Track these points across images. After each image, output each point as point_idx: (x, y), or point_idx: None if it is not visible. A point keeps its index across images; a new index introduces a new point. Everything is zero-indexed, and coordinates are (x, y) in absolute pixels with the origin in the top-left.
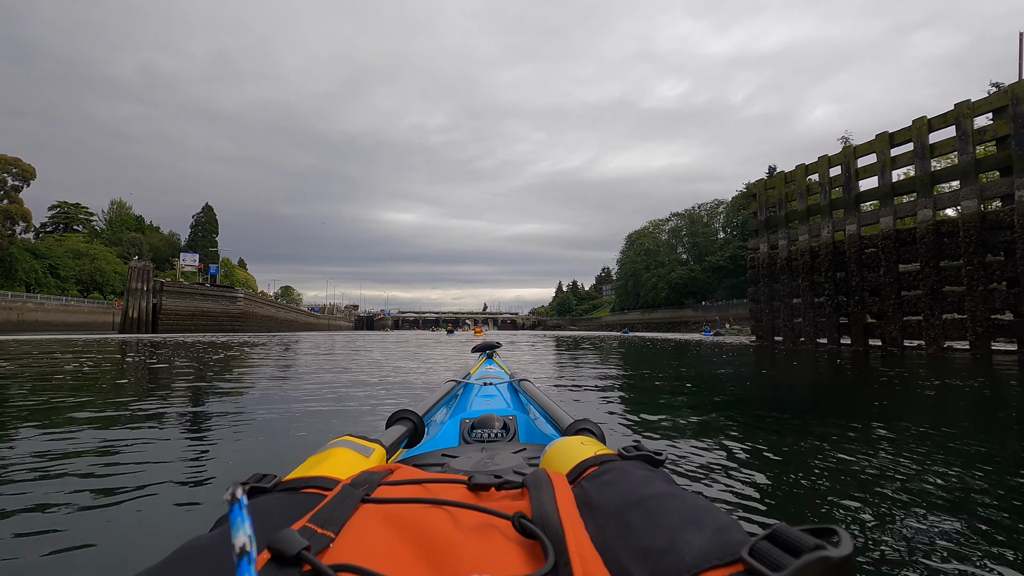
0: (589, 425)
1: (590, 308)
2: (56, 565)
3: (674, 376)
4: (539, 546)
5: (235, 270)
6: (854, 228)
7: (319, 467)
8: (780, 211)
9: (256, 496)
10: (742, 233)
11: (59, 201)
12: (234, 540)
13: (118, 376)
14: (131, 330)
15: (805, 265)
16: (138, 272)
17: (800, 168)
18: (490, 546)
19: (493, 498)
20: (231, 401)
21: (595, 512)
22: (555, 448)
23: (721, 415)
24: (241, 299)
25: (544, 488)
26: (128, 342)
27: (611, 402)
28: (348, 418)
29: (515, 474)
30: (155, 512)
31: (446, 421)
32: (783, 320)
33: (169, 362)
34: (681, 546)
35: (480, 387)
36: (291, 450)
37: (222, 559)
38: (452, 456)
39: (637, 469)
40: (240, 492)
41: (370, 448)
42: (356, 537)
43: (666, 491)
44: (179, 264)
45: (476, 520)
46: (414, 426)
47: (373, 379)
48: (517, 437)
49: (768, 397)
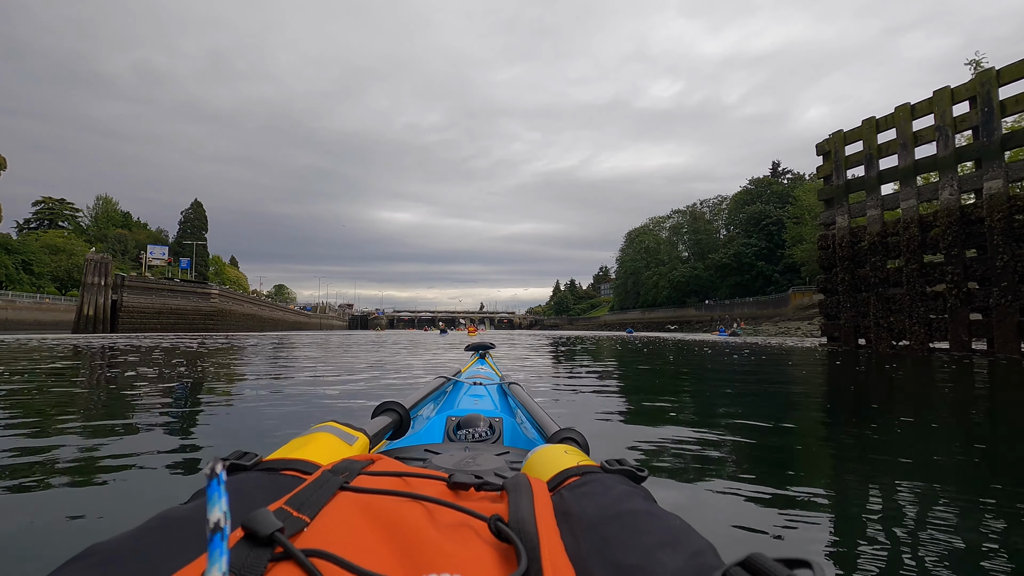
0: (574, 434)
1: (588, 307)
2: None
3: (768, 412)
4: (513, 551)
5: (225, 268)
6: (998, 185)
7: (301, 450)
8: (870, 170)
9: (235, 473)
10: (745, 230)
11: (43, 196)
12: (209, 515)
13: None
14: (86, 329)
15: (911, 241)
16: (94, 265)
17: (904, 109)
18: (464, 546)
19: (472, 498)
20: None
21: (572, 522)
22: (538, 454)
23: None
24: (215, 295)
25: (523, 493)
26: (54, 345)
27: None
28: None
29: (496, 476)
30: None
31: (432, 417)
32: (875, 317)
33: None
34: (655, 566)
35: (469, 386)
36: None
37: (195, 532)
38: (435, 452)
39: (618, 483)
40: (220, 467)
41: (354, 436)
42: (331, 523)
43: (645, 508)
44: (146, 257)
45: (453, 518)
46: (399, 418)
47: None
48: (502, 439)
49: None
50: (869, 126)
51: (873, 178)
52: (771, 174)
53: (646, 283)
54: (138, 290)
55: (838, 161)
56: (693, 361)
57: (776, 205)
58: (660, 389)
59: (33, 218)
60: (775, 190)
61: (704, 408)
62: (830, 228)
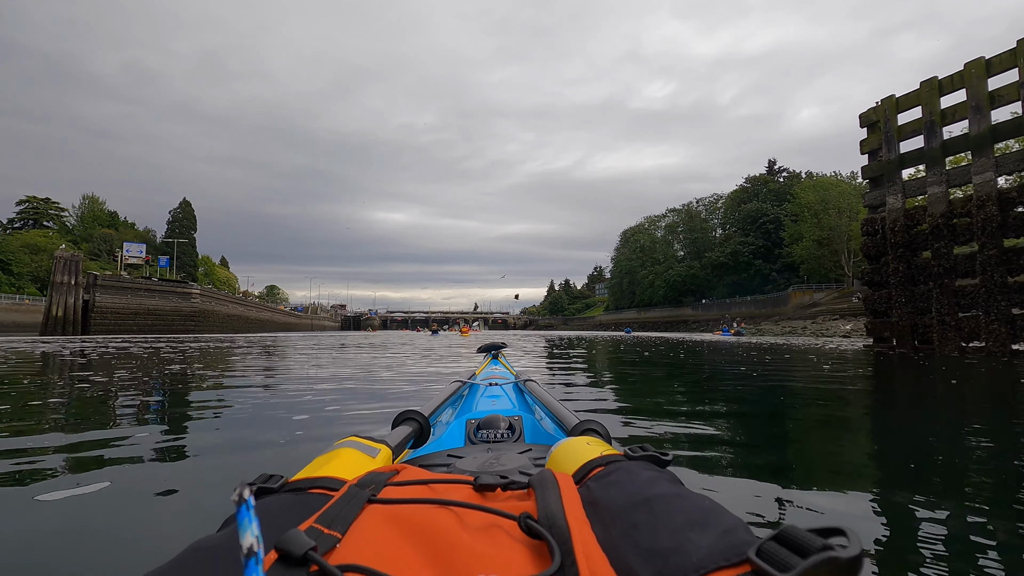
0: (595, 425)
1: (583, 307)
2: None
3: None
4: (545, 546)
5: (215, 268)
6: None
7: (325, 467)
8: (932, 140)
9: (263, 497)
10: (742, 228)
11: (27, 196)
12: (241, 540)
13: None
14: (54, 331)
15: (988, 222)
16: (64, 263)
17: (978, 64)
18: (496, 546)
19: (499, 498)
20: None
21: (601, 512)
22: (561, 448)
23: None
24: (197, 295)
25: (550, 488)
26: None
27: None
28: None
29: (521, 474)
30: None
31: (452, 422)
32: (938, 313)
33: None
34: (687, 546)
35: (486, 387)
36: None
37: (229, 559)
38: (458, 456)
39: (643, 469)
40: (247, 493)
41: (376, 448)
42: (363, 537)
43: (672, 491)
44: (122, 255)
45: (482, 520)
46: (420, 427)
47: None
48: (523, 437)
49: None
50: (930, 88)
51: (936, 149)
52: (767, 172)
53: (642, 282)
54: (112, 289)
55: (888, 132)
56: (718, 371)
57: (773, 203)
58: (696, 413)
59: (17, 218)
60: (772, 188)
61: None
62: (878, 211)
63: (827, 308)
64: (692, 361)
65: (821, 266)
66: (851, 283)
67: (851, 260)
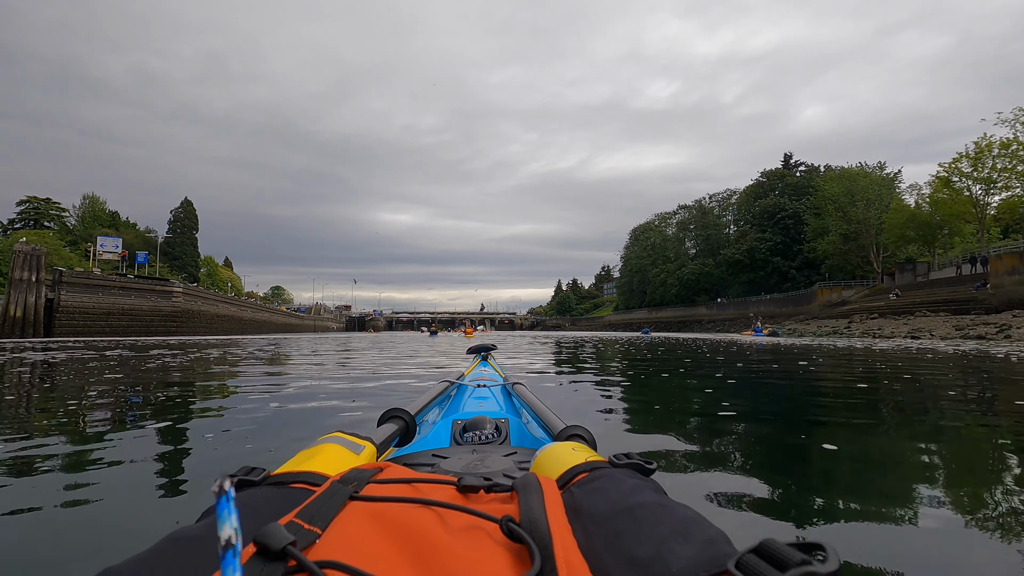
0: (581, 431)
1: (591, 307)
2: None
3: None
4: (526, 550)
5: (218, 269)
6: None
7: (309, 462)
8: None
9: (244, 489)
10: (759, 225)
11: (28, 196)
12: (220, 532)
13: None
14: (12, 334)
15: None
16: (23, 258)
17: None
18: (477, 548)
19: (482, 500)
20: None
21: (583, 519)
22: (546, 453)
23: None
24: (178, 294)
25: (533, 492)
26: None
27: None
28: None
29: (505, 477)
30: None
31: (438, 421)
32: None
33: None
34: (668, 556)
35: (474, 389)
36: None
37: (207, 551)
38: (443, 457)
39: (627, 477)
40: (228, 484)
41: (361, 445)
42: (343, 534)
43: (655, 500)
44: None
45: (464, 522)
46: (406, 425)
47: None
48: (509, 440)
49: None
50: None
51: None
52: (783, 166)
53: (653, 281)
54: (80, 287)
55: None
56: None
57: (792, 198)
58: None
59: (17, 218)
60: (789, 182)
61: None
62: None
63: (860, 306)
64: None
65: (847, 262)
66: (880, 279)
67: (880, 255)
